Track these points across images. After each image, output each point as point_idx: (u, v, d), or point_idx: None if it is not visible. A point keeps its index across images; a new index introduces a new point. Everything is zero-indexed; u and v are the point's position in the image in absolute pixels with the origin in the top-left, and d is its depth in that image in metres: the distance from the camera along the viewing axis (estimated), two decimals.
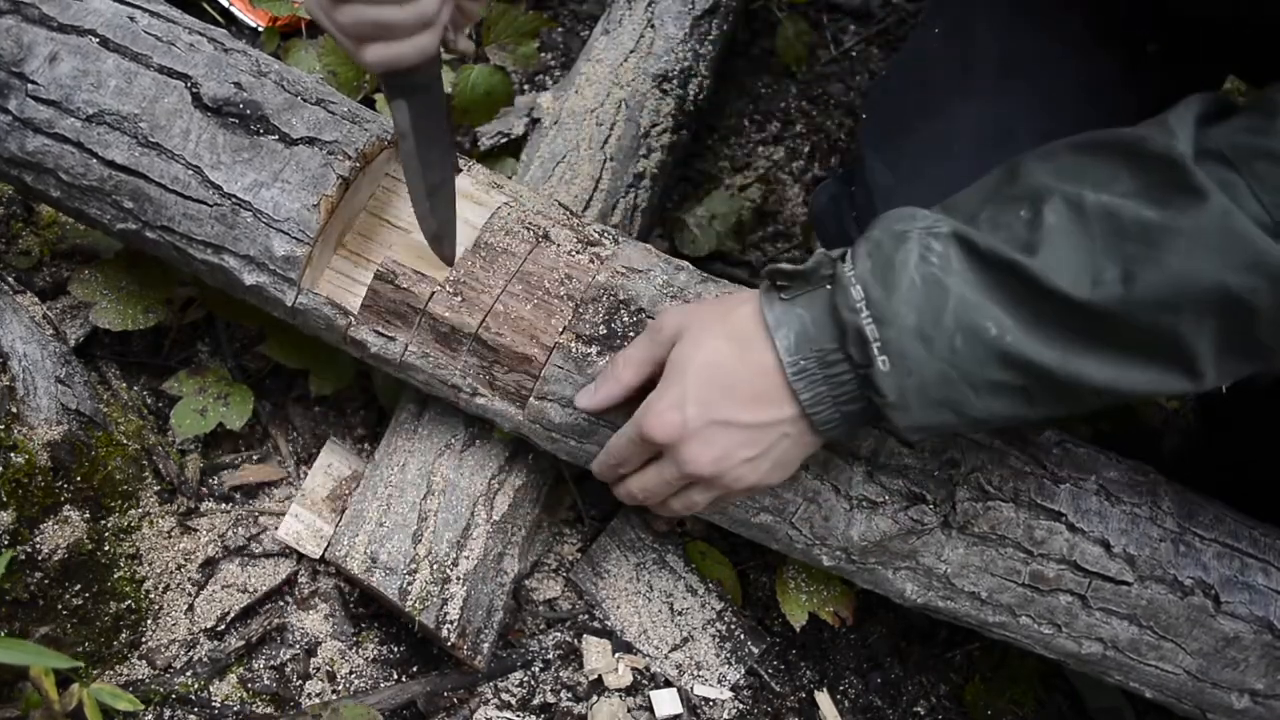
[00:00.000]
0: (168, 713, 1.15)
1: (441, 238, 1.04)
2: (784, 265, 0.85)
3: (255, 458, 1.32)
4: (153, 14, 1.07)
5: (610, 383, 0.96)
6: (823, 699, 1.30)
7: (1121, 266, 0.74)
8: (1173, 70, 1.10)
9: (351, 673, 1.21)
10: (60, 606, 1.08)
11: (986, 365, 0.78)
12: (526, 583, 1.30)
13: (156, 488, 1.22)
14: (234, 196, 1.01)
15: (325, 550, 1.22)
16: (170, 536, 1.21)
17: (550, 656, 1.27)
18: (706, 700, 1.26)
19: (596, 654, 1.26)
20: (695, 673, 1.27)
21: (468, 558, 1.13)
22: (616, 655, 1.27)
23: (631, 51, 1.47)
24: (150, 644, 1.18)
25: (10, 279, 1.22)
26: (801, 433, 0.87)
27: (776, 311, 0.84)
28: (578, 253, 1.07)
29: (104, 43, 1.03)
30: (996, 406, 0.80)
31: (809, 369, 0.83)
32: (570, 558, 1.33)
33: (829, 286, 0.82)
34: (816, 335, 0.82)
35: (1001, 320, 0.77)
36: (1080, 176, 0.78)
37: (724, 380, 0.86)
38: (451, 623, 1.11)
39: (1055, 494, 1.07)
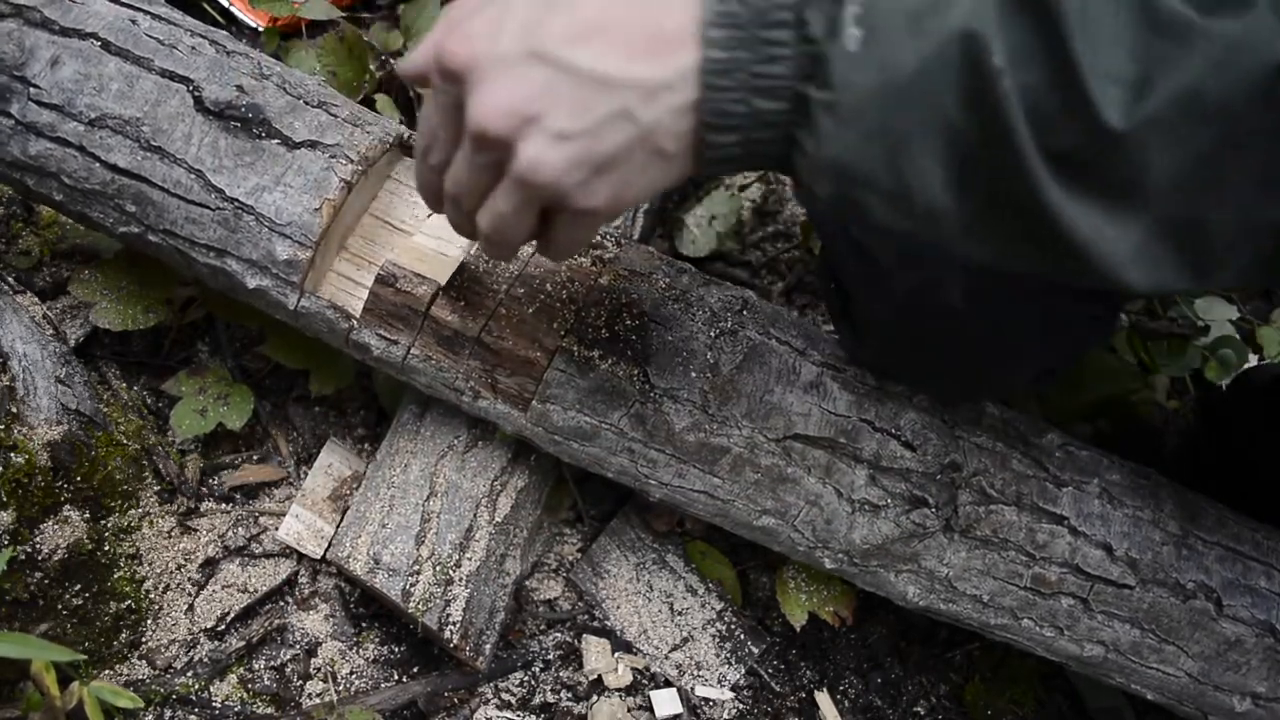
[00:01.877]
0: (168, 713, 1.15)
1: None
2: None
3: (255, 458, 1.32)
4: (154, 17, 1.06)
5: (415, 56, 0.66)
6: (823, 699, 1.30)
7: (1142, 66, 0.54)
8: None
9: (352, 673, 1.21)
10: (60, 606, 1.08)
11: (957, 97, 0.55)
12: (527, 583, 1.30)
13: (156, 488, 1.22)
14: (236, 200, 1.01)
15: (327, 551, 1.22)
16: (170, 536, 1.21)
17: (550, 656, 1.27)
18: (706, 700, 1.26)
19: (596, 654, 1.26)
20: (695, 673, 1.28)
21: (470, 559, 1.13)
22: (616, 655, 1.27)
23: None
24: (150, 644, 1.18)
25: (10, 279, 1.22)
26: (668, 125, 0.59)
27: None
28: (579, 255, 1.07)
29: (106, 46, 1.02)
30: (927, 177, 0.58)
31: (738, 15, 0.56)
32: (570, 558, 1.33)
33: None
34: None
35: (1009, 55, 0.54)
36: None
37: (601, 9, 0.57)
38: (454, 624, 1.11)
39: (1057, 497, 1.07)
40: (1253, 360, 1.45)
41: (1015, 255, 0.62)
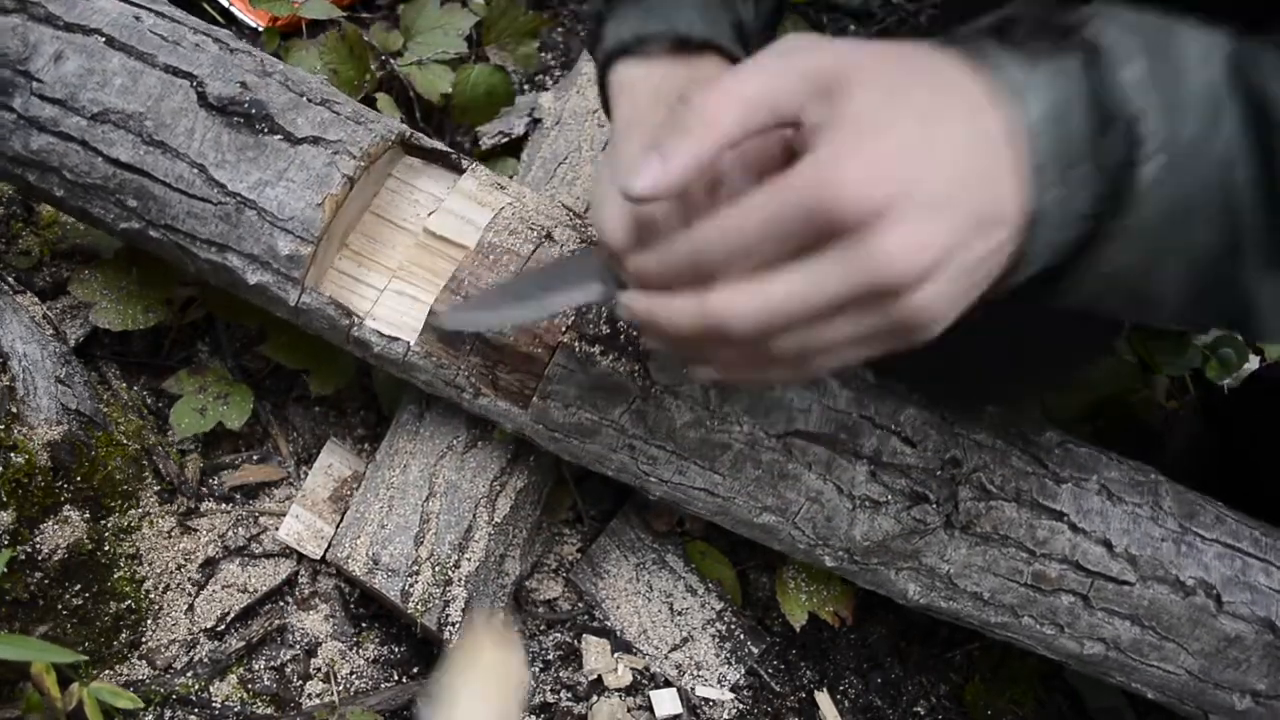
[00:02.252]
0: (168, 713, 1.15)
1: None
2: (1018, 12, 0.61)
3: (255, 458, 1.31)
4: (158, 14, 1.07)
5: (698, 134, 0.59)
6: (823, 699, 1.30)
7: None
8: None
9: (352, 673, 1.21)
10: (60, 606, 1.08)
11: (1212, 213, 0.61)
12: (526, 583, 1.30)
13: (156, 488, 1.22)
14: (238, 195, 1.01)
15: (326, 551, 1.22)
16: (170, 536, 1.21)
17: (550, 657, 1.26)
18: (706, 700, 1.26)
19: (596, 654, 1.26)
20: (695, 673, 1.27)
21: (470, 560, 1.13)
22: (616, 655, 1.27)
23: None
24: (150, 644, 1.17)
25: (10, 279, 1.22)
26: (1009, 253, 0.61)
27: (1013, 75, 0.58)
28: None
29: (110, 42, 1.03)
30: (1170, 282, 0.64)
31: (1052, 160, 0.58)
32: (570, 558, 1.33)
33: (1082, 55, 0.59)
34: (1070, 116, 0.59)
35: (1250, 173, 0.60)
36: None
37: (945, 153, 0.57)
38: (454, 625, 1.11)
39: (1057, 494, 1.07)
40: (1253, 361, 1.45)
41: (1197, 322, 0.71)
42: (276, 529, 1.24)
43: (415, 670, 1.22)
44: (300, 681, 1.19)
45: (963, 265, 0.57)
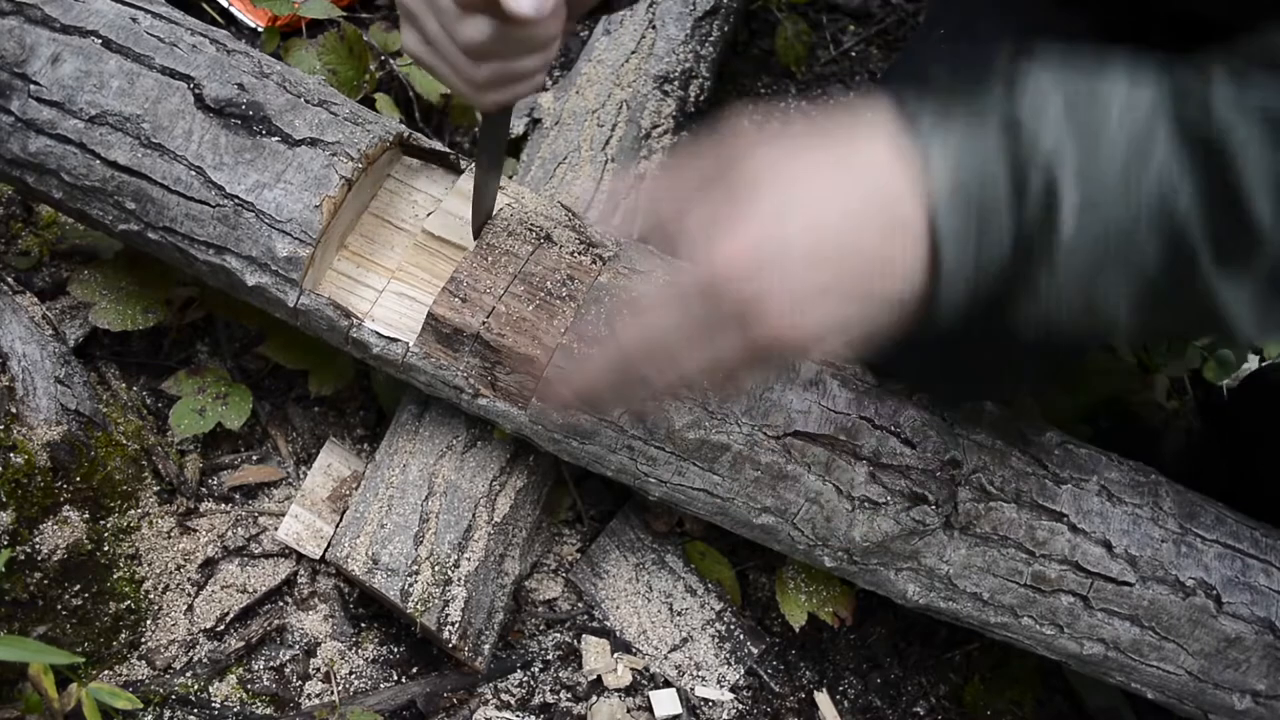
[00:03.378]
0: (167, 713, 1.15)
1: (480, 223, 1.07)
2: (928, 88, 0.66)
3: (255, 458, 1.32)
4: (155, 15, 1.07)
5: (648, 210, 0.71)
6: (822, 699, 1.30)
7: None
8: None
9: (351, 673, 1.21)
10: (60, 607, 1.08)
11: (1154, 241, 0.63)
12: (526, 583, 1.30)
13: (156, 488, 1.22)
14: (236, 197, 1.01)
15: (326, 551, 1.22)
16: (170, 537, 1.21)
17: (550, 657, 1.27)
18: (706, 700, 1.26)
19: (596, 654, 1.26)
20: (695, 673, 1.27)
21: (469, 559, 1.13)
22: (616, 655, 1.27)
23: (633, 53, 1.46)
24: (150, 644, 1.17)
25: (10, 279, 1.22)
26: (905, 310, 0.66)
27: (924, 140, 0.64)
28: (580, 254, 1.07)
29: (106, 44, 1.03)
30: (1116, 303, 0.66)
31: (962, 221, 0.63)
32: (570, 558, 1.33)
33: (995, 118, 0.64)
34: (982, 178, 0.63)
35: (1190, 198, 0.62)
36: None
37: (837, 237, 0.63)
38: (453, 625, 1.11)
39: (1057, 495, 1.07)
40: (1253, 361, 1.45)
41: (1161, 333, 0.72)
42: (276, 529, 1.24)
43: (415, 670, 1.22)
44: (300, 681, 1.19)
45: (844, 331, 0.64)
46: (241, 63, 1.06)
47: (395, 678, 1.21)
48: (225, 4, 1.58)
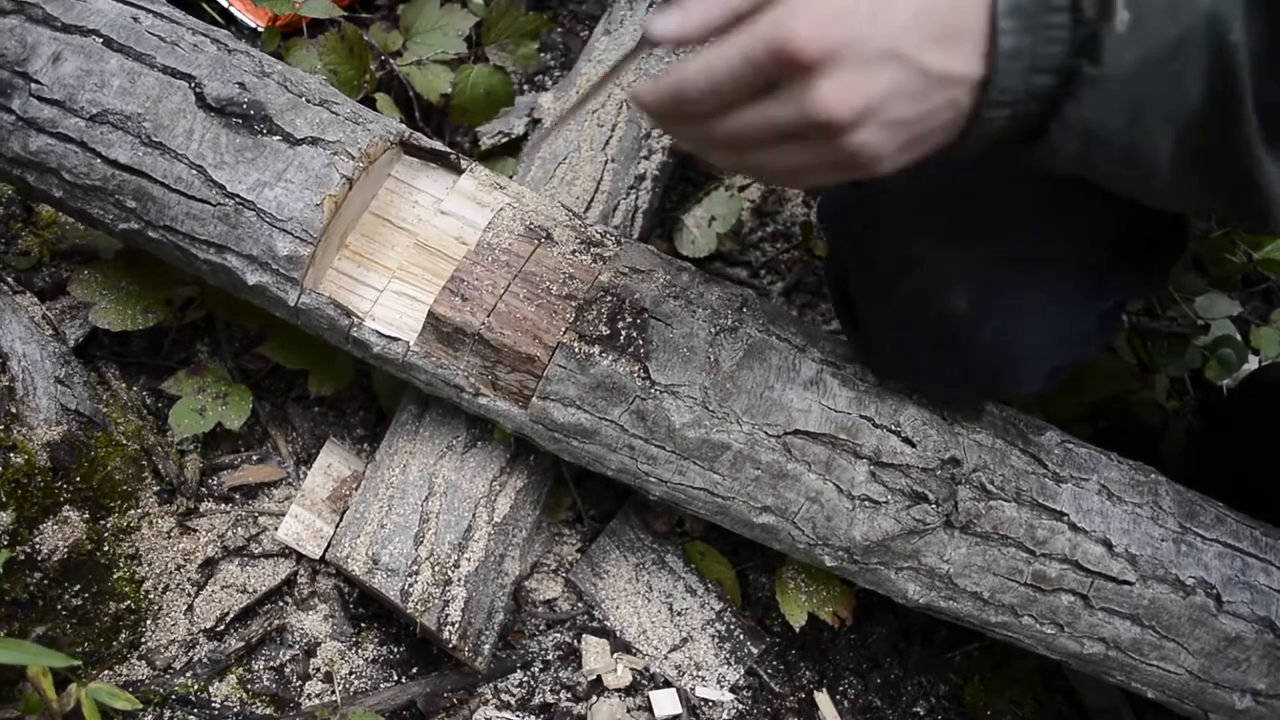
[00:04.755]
0: (167, 713, 1.15)
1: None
2: None
3: (255, 458, 1.31)
4: (156, 14, 1.07)
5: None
6: (822, 699, 1.30)
7: None
8: None
9: (351, 673, 1.21)
10: (60, 607, 1.08)
11: (1199, 69, 0.64)
12: (526, 583, 1.30)
13: (156, 488, 1.22)
14: (237, 196, 1.01)
15: (326, 551, 1.22)
16: (170, 537, 1.21)
17: (550, 657, 1.27)
18: (706, 701, 1.26)
19: (596, 654, 1.26)
20: (695, 673, 1.27)
21: (469, 560, 1.12)
22: (616, 655, 1.27)
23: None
24: (150, 644, 1.17)
25: (10, 279, 1.22)
26: (965, 106, 0.66)
27: None
28: (580, 253, 1.08)
29: (108, 43, 1.03)
30: (1157, 139, 0.67)
31: (1025, 7, 0.62)
32: (570, 558, 1.33)
33: None
34: None
35: (1245, 30, 0.63)
36: None
37: (898, 10, 0.62)
38: (453, 625, 1.11)
39: (1057, 494, 1.07)
40: (1253, 361, 1.45)
41: (1202, 200, 0.73)
42: (276, 529, 1.24)
43: (415, 670, 1.22)
44: (300, 681, 1.19)
45: (900, 115, 0.64)
46: (242, 62, 1.06)
47: (395, 678, 1.21)
48: (226, 4, 1.58)
